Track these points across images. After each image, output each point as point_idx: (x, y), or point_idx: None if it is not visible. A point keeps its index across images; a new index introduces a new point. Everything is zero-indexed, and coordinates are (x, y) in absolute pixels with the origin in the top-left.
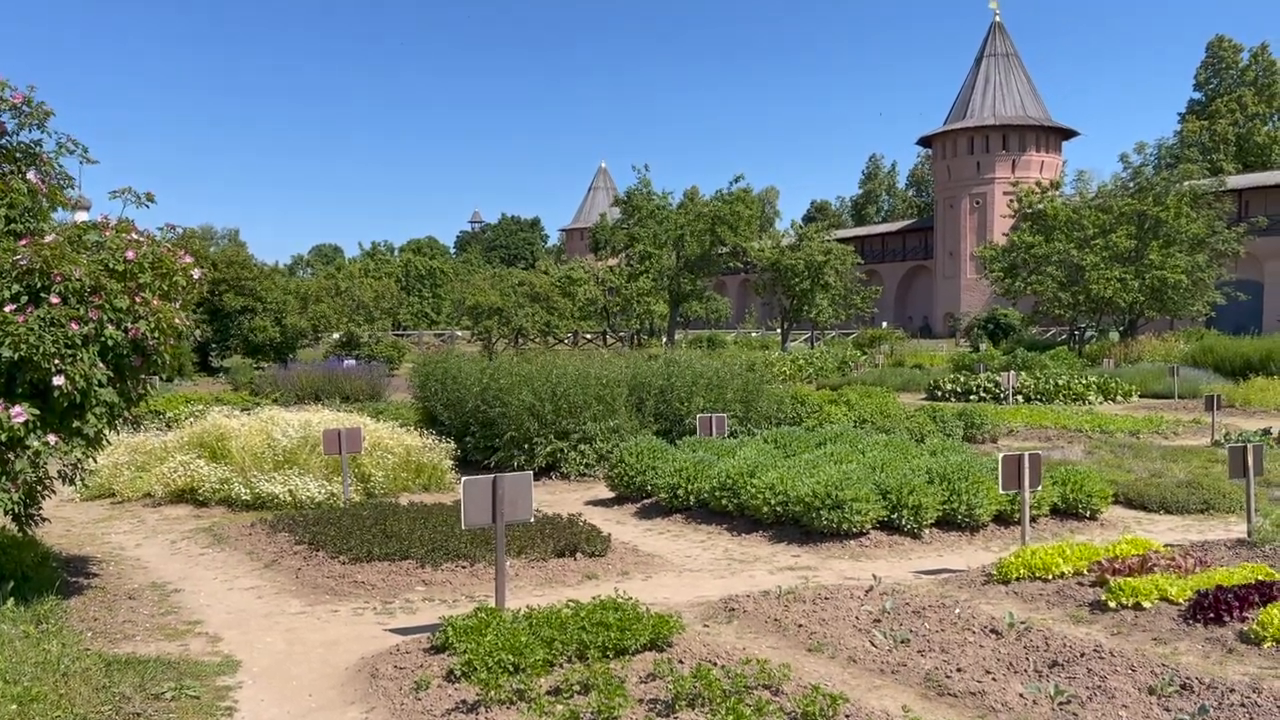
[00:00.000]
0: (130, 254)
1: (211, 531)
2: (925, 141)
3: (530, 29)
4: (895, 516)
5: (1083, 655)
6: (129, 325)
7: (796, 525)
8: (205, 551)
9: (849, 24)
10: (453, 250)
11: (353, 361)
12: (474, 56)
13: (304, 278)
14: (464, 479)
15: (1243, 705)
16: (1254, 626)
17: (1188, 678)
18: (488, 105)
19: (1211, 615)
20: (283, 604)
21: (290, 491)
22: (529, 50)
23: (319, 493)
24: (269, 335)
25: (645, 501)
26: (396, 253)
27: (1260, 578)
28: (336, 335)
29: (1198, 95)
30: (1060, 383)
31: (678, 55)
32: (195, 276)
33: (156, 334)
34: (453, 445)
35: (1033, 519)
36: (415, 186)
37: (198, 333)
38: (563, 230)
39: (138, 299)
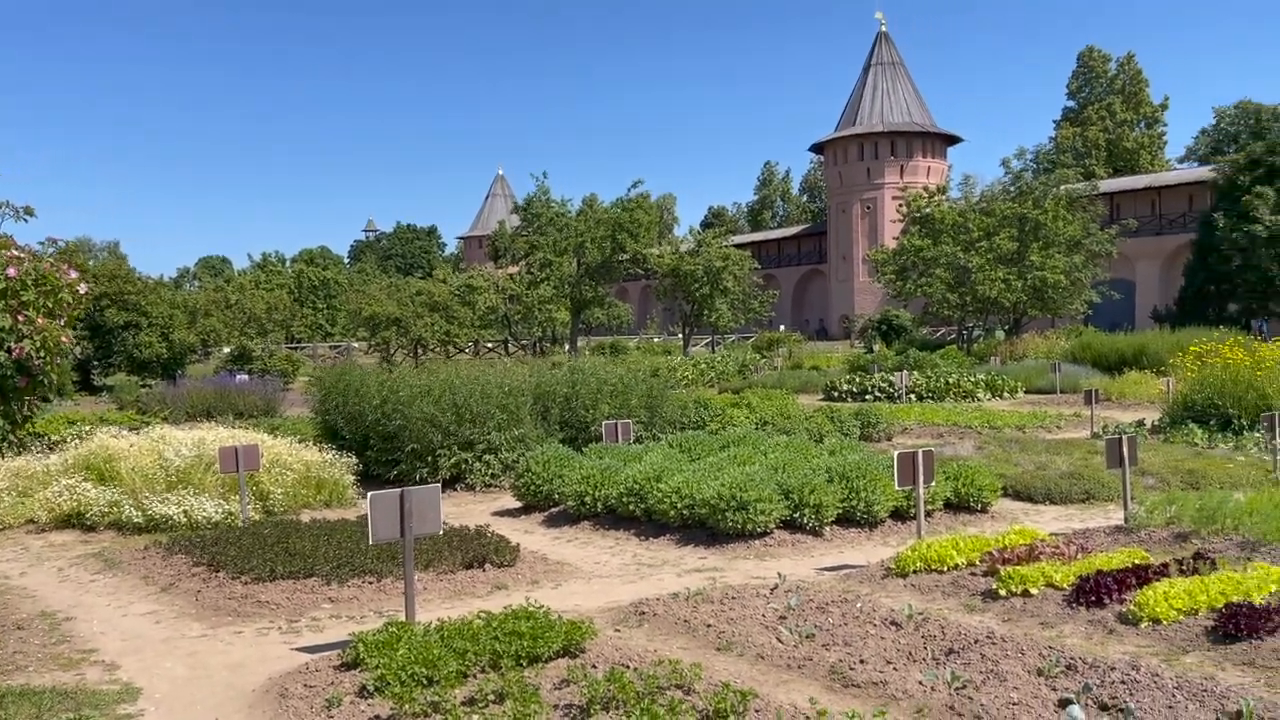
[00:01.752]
0: (11, 271)
1: (102, 556)
2: (817, 148)
3: (419, 33)
4: (797, 516)
5: (976, 642)
6: (12, 345)
7: (703, 528)
8: (96, 577)
9: (741, 32)
10: (347, 260)
11: (245, 376)
12: (363, 60)
13: (191, 291)
14: (370, 493)
15: (1123, 682)
16: (1131, 608)
17: (1072, 658)
18: (379, 110)
19: (1093, 599)
20: (182, 628)
21: (185, 512)
22: (420, 54)
23: (216, 513)
24: (155, 351)
25: (553, 510)
26: (288, 264)
27: (1136, 562)
28: (227, 349)
29: (1071, 103)
30: (950, 381)
31: (571, 61)
32: (81, 292)
33: (42, 353)
34: (354, 460)
35: (928, 513)
36: (306, 195)
37: (78, 349)
38: (461, 238)
39: (20, 317)
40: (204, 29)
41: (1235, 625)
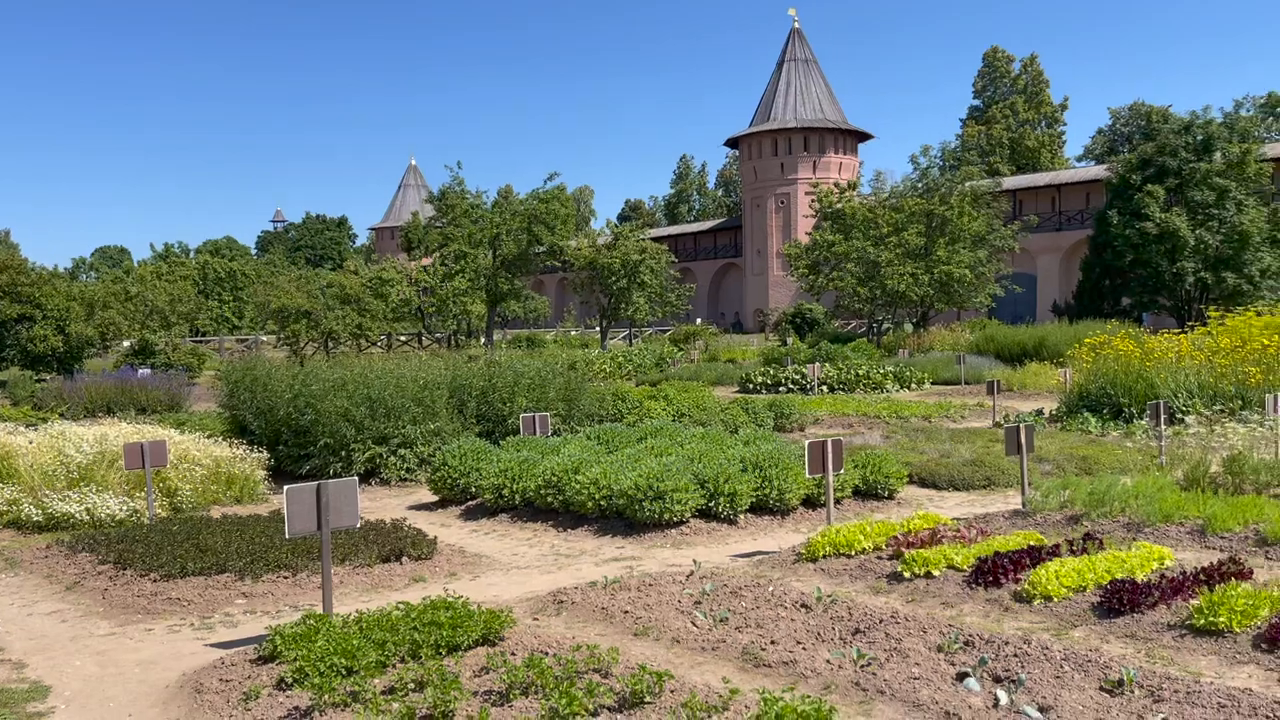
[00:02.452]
0: None
1: (2, 555)
2: (732, 143)
3: (327, 17)
4: (713, 504)
5: (881, 621)
6: None
7: (621, 518)
8: None
9: (659, 25)
10: (254, 251)
11: (148, 370)
12: (269, 44)
13: (88, 282)
14: (287, 487)
15: (1015, 655)
16: (1025, 586)
17: (970, 635)
18: (286, 97)
19: (990, 579)
20: (90, 626)
21: (88, 510)
22: (330, 40)
23: (120, 510)
24: (51, 345)
25: (470, 503)
26: (192, 254)
27: (1031, 543)
28: (128, 343)
29: (977, 102)
30: (861, 373)
31: (486, 51)
32: None
33: None
34: (265, 455)
35: (837, 500)
36: (211, 184)
37: None
38: (373, 229)
39: None
40: (100, 12)
41: (1119, 601)
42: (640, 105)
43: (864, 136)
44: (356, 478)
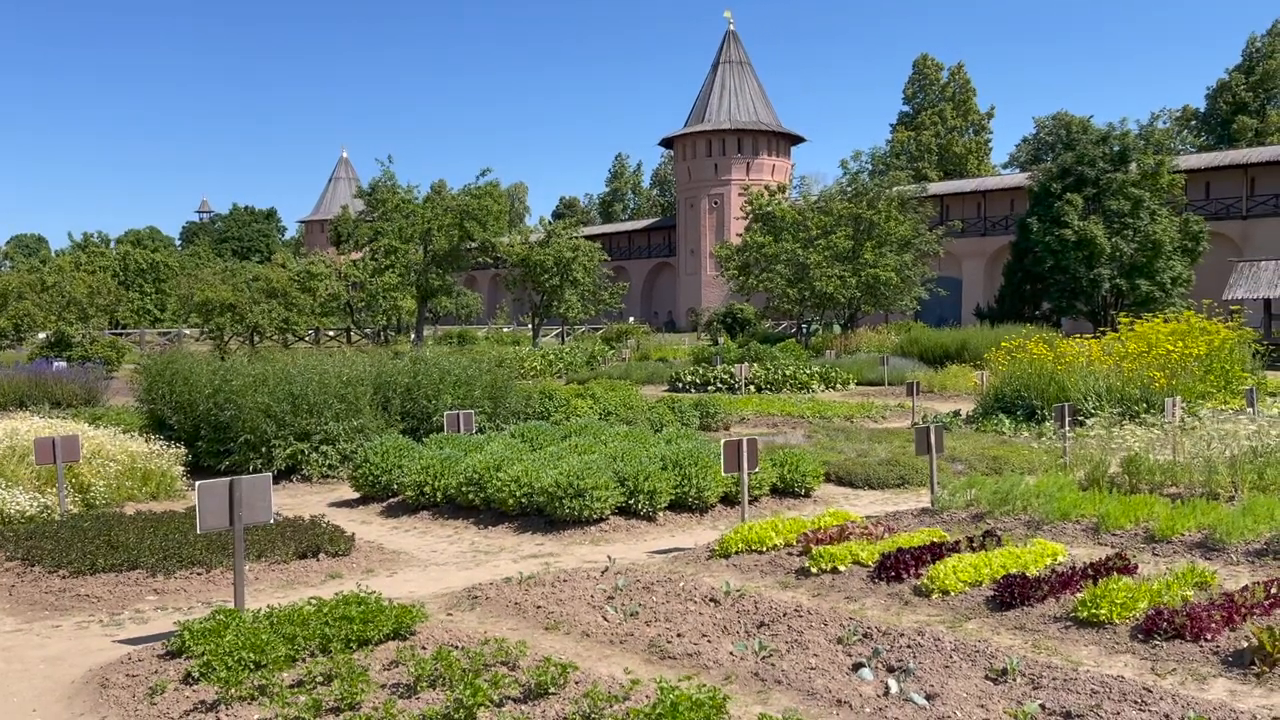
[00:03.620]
0: None
1: None
2: (667, 143)
3: (259, 5)
4: (633, 502)
5: (785, 615)
6: None
7: (541, 515)
8: None
9: (593, 23)
10: (178, 243)
11: (64, 364)
12: (196, 29)
13: (2, 271)
14: (199, 483)
15: (909, 646)
16: (925, 581)
17: (869, 628)
18: (213, 83)
19: (893, 574)
20: None
21: None
22: (258, 25)
23: (30, 506)
24: None
25: (392, 500)
26: (113, 244)
27: (935, 540)
28: (44, 335)
29: (907, 108)
30: (788, 373)
31: (420, 44)
32: None
33: None
34: (183, 451)
35: (755, 498)
36: (134, 171)
37: None
38: (302, 222)
39: None
40: None
41: (1011, 594)
42: (576, 103)
43: (797, 139)
44: (271, 474)
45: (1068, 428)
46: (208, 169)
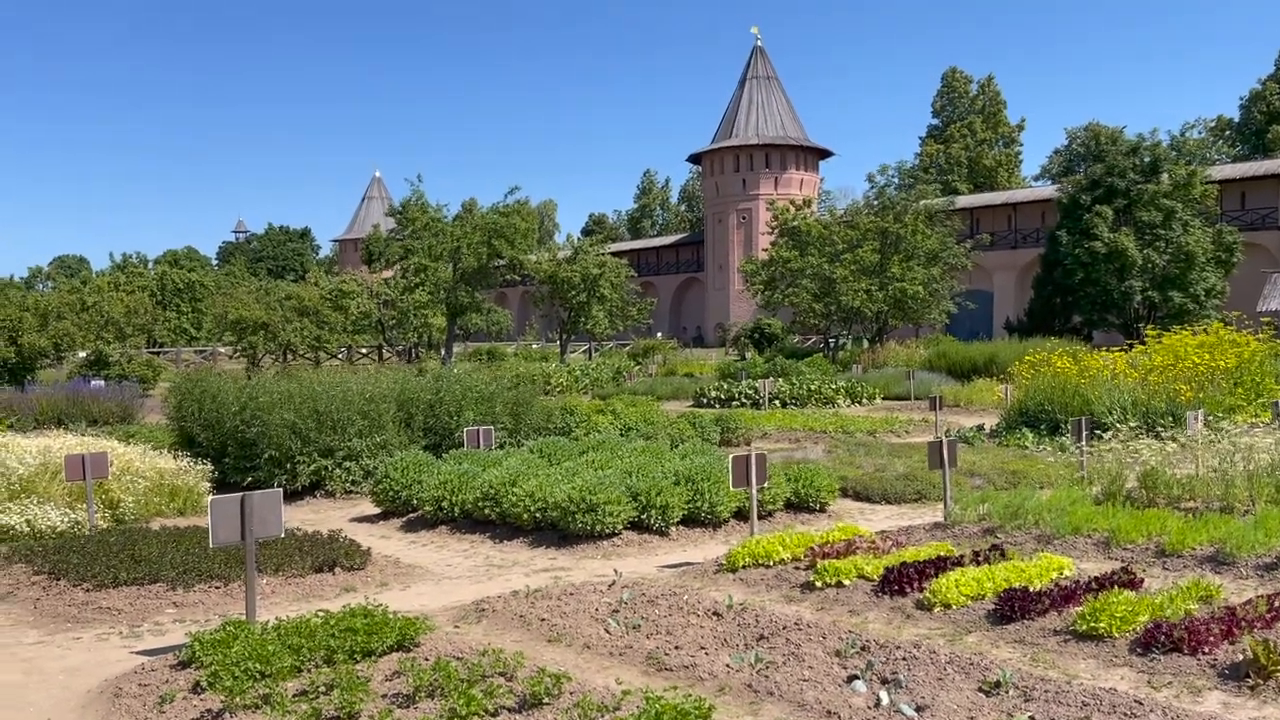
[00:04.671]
0: None
1: None
2: (695, 159)
3: (292, 28)
4: (645, 517)
5: (784, 628)
6: None
7: (555, 530)
8: None
9: (621, 41)
10: (215, 262)
11: (101, 382)
12: (234, 52)
13: (44, 292)
14: (211, 499)
15: (904, 659)
16: (927, 595)
17: (867, 641)
18: (250, 106)
19: (896, 588)
20: (18, 635)
21: (28, 521)
22: (294, 50)
23: (61, 521)
24: (2, 355)
25: (411, 515)
26: (151, 265)
27: (941, 554)
28: (83, 354)
29: (936, 121)
30: (813, 388)
31: (452, 67)
32: None
33: None
34: (210, 467)
35: (769, 513)
36: (172, 193)
37: None
38: (336, 241)
39: None
40: (55, 16)
41: (1011, 608)
42: (605, 120)
43: (825, 153)
44: (281, 490)
45: (1084, 441)
46: (244, 190)
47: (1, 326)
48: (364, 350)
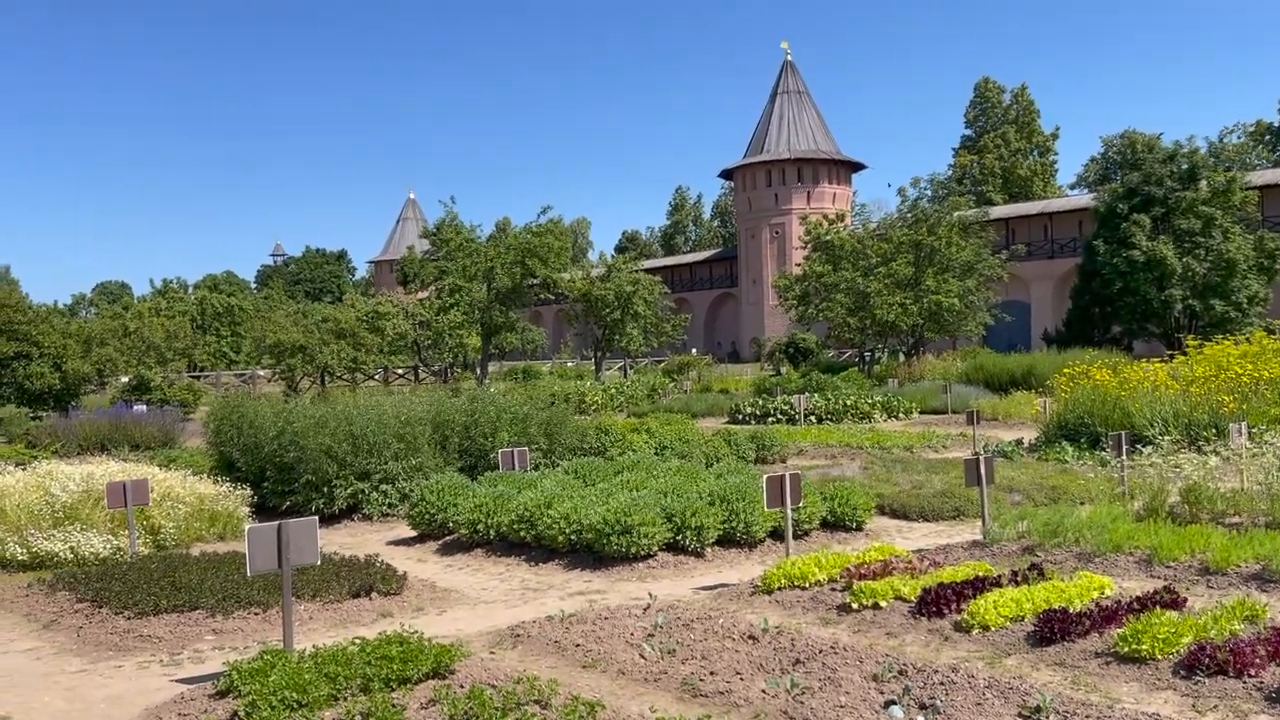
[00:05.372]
0: None
1: None
2: (727, 174)
3: (327, 53)
4: (680, 538)
5: (821, 652)
6: None
7: (590, 552)
8: None
9: (651, 58)
10: (253, 285)
11: (143, 407)
12: (270, 78)
13: (87, 318)
14: (249, 527)
15: (941, 684)
16: (965, 617)
17: (905, 665)
18: (287, 130)
19: (934, 609)
20: (63, 663)
21: (72, 549)
22: (329, 73)
23: (104, 548)
24: (47, 382)
25: (448, 538)
26: (191, 290)
27: (979, 574)
28: (125, 379)
29: (969, 131)
30: (849, 403)
31: (485, 88)
32: None
33: None
34: (249, 492)
35: (805, 532)
36: (211, 218)
37: None
38: (371, 262)
39: None
40: (98, 46)
41: (1051, 630)
42: (637, 137)
43: (857, 166)
44: (316, 518)
45: (1125, 455)
46: (282, 214)
47: (46, 354)
48: (400, 371)
